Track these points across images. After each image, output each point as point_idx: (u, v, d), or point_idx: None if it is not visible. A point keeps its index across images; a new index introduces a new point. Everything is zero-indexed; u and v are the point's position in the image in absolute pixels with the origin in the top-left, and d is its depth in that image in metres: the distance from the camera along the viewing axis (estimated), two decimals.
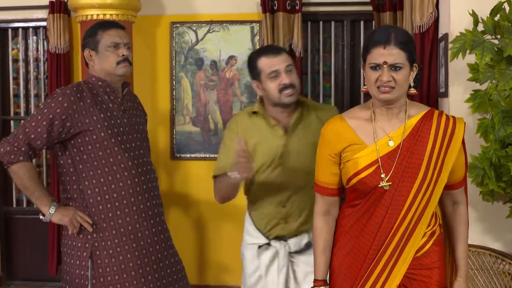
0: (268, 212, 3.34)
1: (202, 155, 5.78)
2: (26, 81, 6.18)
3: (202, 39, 5.74)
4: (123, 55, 3.41)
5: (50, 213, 3.29)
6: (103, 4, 5.20)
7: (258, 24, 5.65)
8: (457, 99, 3.94)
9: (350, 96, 5.78)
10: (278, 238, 3.35)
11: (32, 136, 3.26)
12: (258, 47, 5.65)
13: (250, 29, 5.69)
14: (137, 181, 3.38)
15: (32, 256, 6.07)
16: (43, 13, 5.85)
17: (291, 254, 3.33)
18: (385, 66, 2.60)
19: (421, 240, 2.71)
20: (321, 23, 5.82)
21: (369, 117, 2.74)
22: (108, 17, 5.19)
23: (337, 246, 2.83)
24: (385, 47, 2.60)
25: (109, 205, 3.35)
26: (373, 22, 5.45)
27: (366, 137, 2.71)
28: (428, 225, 2.74)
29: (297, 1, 5.49)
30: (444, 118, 2.72)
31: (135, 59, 5.56)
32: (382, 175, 2.66)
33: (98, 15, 5.20)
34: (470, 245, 3.79)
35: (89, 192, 3.36)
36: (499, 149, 3.53)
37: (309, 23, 5.81)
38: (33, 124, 3.28)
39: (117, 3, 5.22)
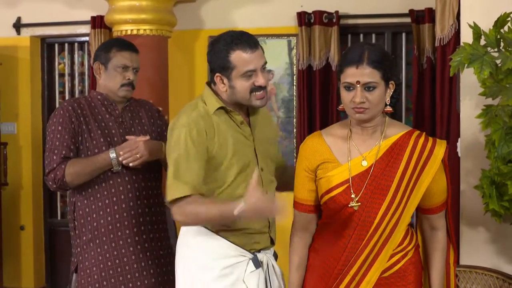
0: (250, 223, 3.00)
1: None
2: (72, 94, 6.53)
3: None
4: (128, 79, 3.61)
5: (112, 157, 3.46)
6: (137, 20, 5.48)
7: (295, 37, 5.78)
8: (469, 114, 3.93)
9: None
10: (263, 249, 3.07)
11: (63, 152, 3.47)
12: (294, 61, 5.79)
13: (287, 43, 5.83)
14: (121, 189, 3.54)
15: None
16: (86, 29, 6.20)
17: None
18: (358, 86, 2.63)
19: (389, 260, 2.75)
20: (361, 35, 5.89)
21: (345, 135, 2.80)
22: (142, 32, 5.46)
23: (308, 263, 2.90)
24: (357, 66, 2.63)
25: (94, 215, 3.53)
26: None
27: (340, 156, 2.77)
28: (400, 245, 2.77)
29: (334, 14, 5.60)
30: (422, 139, 2.74)
31: (174, 72, 5.81)
32: (352, 195, 2.71)
33: (132, 30, 5.48)
34: (477, 267, 3.79)
35: (78, 204, 3.57)
36: (501, 167, 3.52)
37: (349, 35, 5.90)
38: (57, 143, 3.49)
39: (151, 18, 5.48)
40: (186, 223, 2.97)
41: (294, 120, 5.82)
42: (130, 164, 3.47)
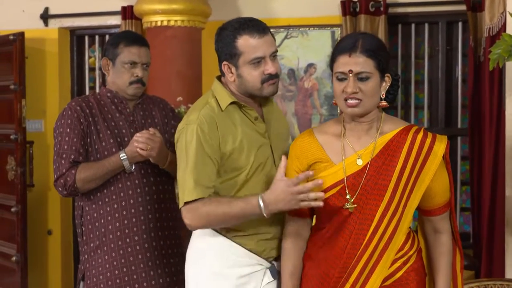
0: (265, 226, 3.01)
1: None
2: None
3: (279, 45, 5.88)
4: (137, 76, 3.64)
5: (122, 157, 3.53)
6: (167, 10, 5.51)
7: (339, 28, 5.73)
8: None
9: (445, 108, 5.74)
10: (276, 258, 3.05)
11: (72, 156, 3.55)
12: None
13: (330, 34, 5.79)
14: (131, 193, 3.58)
15: None
16: (117, 20, 6.26)
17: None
18: (350, 75, 2.66)
19: (391, 267, 2.75)
20: (413, 25, 5.82)
21: (339, 132, 2.82)
22: (173, 23, 5.50)
23: (303, 272, 2.91)
24: (350, 54, 2.68)
25: (102, 221, 3.59)
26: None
27: (334, 155, 2.79)
28: (400, 250, 2.77)
29: (382, 2, 5.52)
30: (420, 135, 2.74)
31: (209, 65, 5.82)
32: (347, 196, 2.72)
33: (162, 21, 5.53)
34: None
35: (86, 208, 3.63)
36: None
37: (399, 25, 5.83)
38: (65, 146, 3.56)
39: (182, 8, 5.51)
40: (198, 226, 2.96)
41: None
42: (138, 151, 3.48)
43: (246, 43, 2.92)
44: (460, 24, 5.69)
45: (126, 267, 3.59)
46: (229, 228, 2.99)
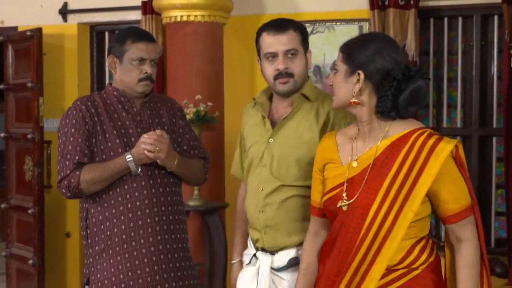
0: (250, 218, 3.39)
1: None
2: None
3: None
4: (146, 72, 3.61)
5: (128, 159, 3.51)
6: (187, 5, 5.48)
7: (367, 22, 5.65)
8: None
9: (480, 107, 5.63)
10: (264, 250, 3.34)
11: (77, 157, 3.56)
12: None
13: (358, 29, 5.71)
14: (137, 195, 3.55)
15: None
16: (137, 15, 6.24)
17: (273, 271, 3.31)
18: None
19: (386, 277, 2.68)
20: (445, 19, 5.71)
21: (354, 134, 2.83)
22: (192, 18, 5.47)
23: (319, 273, 2.92)
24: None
25: (108, 223, 3.56)
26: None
27: (344, 156, 2.82)
28: (402, 261, 2.69)
29: None
30: (423, 137, 2.65)
31: (231, 62, 5.80)
32: (344, 194, 2.73)
33: (182, 16, 5.49)
34: None
35: (92, 210, 3.60)
36: None
37: (431, 20, 5.74)
38: (69, 147, 3.55)
39: (202, 3, 5.47)
40: None
41: None
42: (145, 153, 3.46)
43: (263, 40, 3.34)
44: (495, 17, 5.59)
45: (132, 271, 3.56)
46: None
